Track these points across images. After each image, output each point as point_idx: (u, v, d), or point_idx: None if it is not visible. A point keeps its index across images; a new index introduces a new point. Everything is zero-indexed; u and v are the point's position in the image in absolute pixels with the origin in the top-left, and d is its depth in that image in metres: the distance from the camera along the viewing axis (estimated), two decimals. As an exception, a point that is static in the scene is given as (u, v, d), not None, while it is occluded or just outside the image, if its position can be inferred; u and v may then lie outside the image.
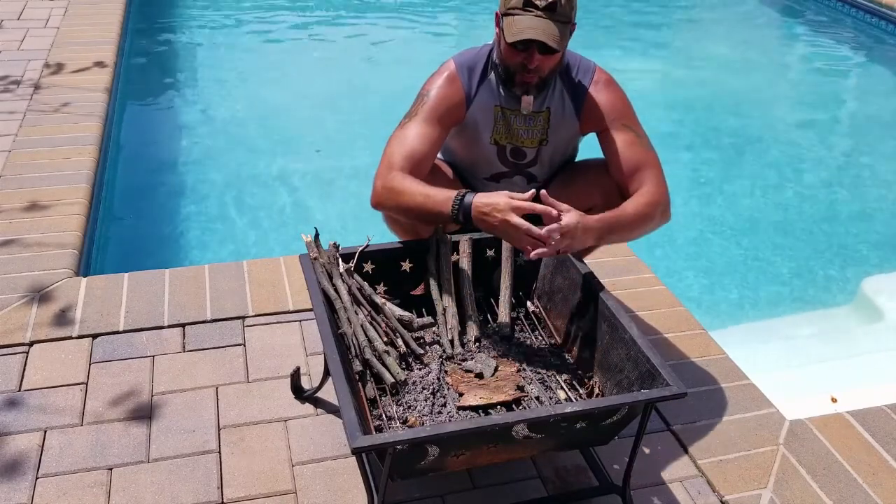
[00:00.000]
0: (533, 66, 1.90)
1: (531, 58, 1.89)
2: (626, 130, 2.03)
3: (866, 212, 3.97)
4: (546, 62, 1.92)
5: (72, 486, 1.76)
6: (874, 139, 4.85)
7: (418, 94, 2.06)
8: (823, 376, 2.68)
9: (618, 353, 1.70)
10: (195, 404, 2.00)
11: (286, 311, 2.36)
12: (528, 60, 1.90)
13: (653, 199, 1.95)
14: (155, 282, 2.46)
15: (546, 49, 1.87)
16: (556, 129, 2.09)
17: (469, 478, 1.82)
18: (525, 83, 1.96)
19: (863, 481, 1.88)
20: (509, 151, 2.13)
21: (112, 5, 5.26)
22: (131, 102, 4.57)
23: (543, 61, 1.91)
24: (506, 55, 1.94)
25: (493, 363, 1.78)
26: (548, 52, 1.89)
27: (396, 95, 2.57)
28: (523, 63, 1.91)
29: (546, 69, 1.94)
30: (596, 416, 1.56)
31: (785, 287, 3.38)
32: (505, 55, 1.94)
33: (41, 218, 2.79)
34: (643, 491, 1.82)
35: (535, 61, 1.89)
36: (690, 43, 6.37)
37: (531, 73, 1.93)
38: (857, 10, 6.87)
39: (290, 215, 3.67)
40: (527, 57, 1.89)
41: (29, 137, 3.38)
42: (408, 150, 1.96)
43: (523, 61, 1.91)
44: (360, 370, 1.70)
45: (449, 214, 1.80)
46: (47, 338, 2.20)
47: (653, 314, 2.44)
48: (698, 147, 4.57)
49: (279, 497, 1.76)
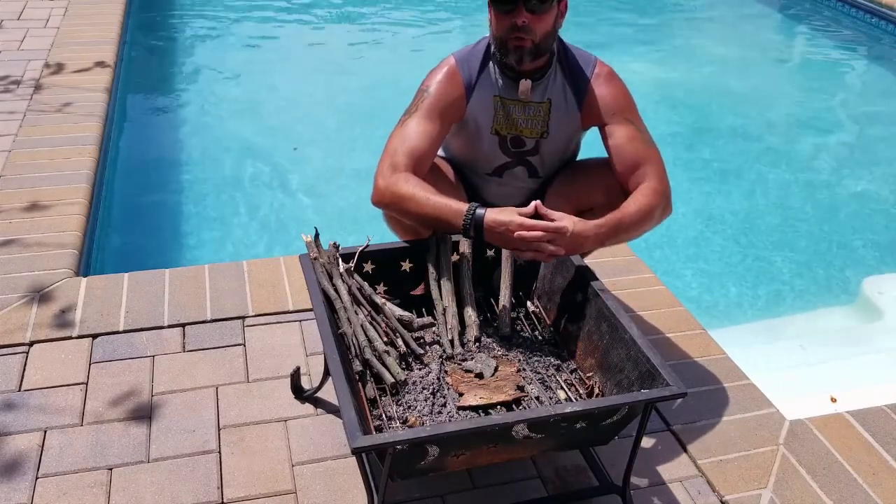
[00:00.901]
0: (521, 23, 1.90)
1: (518, 14, 1.89)
2: (628, 124, 2.03)
3: (866, 212, 3.97)
4: (535, 22, 1.91)
5: (72, 486, 1.76)
6: (874, 139, 4.85)
7: (418, 89, 2.06)
8: (823, 376, 2.68)
9: (618, 353, 1.71)
10: (195, 404, 2.01)
11: (286, 311, 2.36)
12: (515, 18, 1.90)
13: (654, 195, 1.95)
14: (155, 282, 2.46)
15: (531, 6, 1.88)
16: (557, 121, 2.09)
17: (469, 478, 1.82)
18: (519, 48, 1.95)
19: (863, 481, 1.88)
20: (510, 140, 2.13)
21: (112, 5, 5.26)
22: (131, 102, 4.57)
23: (533, 21, 1.91)
24: (496, 24, 1.95)
25: (493, 363, 1.78)
26: (535, 12, 1.90)
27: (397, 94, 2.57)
28: (513, 24, 1.91)
29: (538, 32, 1.93)
30: (596, 416, 1.56)
31: (785, 287, 3.38)
32: (495, 25, 1.96)
33: (41, 218, 2.79)
34: (643, 491, 1.82)
35: (523, 16, 1.90)
36: (690, 42, 6.37)
37: (521, 32, 1.92)
38: (857, 10, 6.87)
39: (290, 215, 3.67)
40: (514, 16, 1.90)
41: (29, 137, 3.38)
42: (409, 148, 1.96)
43: (512, 22, 1.91)
44: (360, 370, 1.70)
45: (460, 228, 1.83)
46: (47, 338, 2.20)
47: (653, 314, 2.44)
48: (698, 147, 4.57)
49: (279, 497, 1.76)
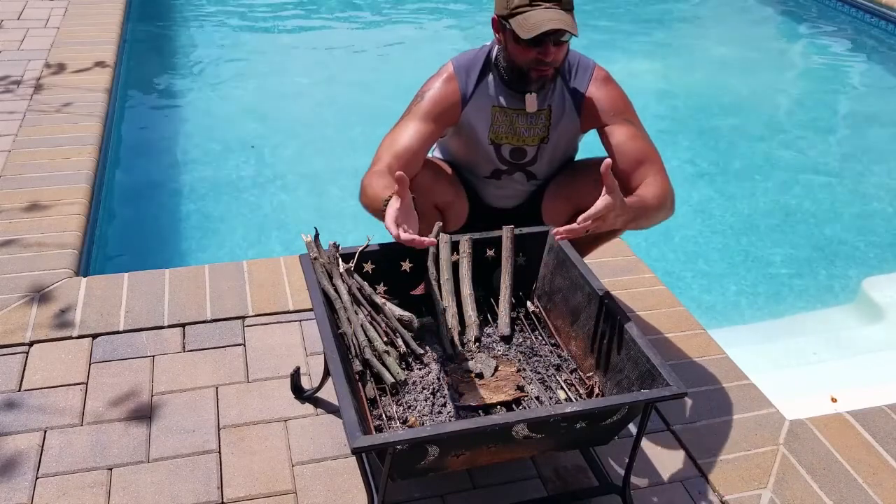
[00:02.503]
0: (550, 59, 1.91)
1: (546, 51, 1.89)
2: (628, 125, 2.04)
3: (866, 212, 3.96)
4: (559, 52, 1.93)
5: (72, 486, 1.76)
6: (874, 139, 4.85)
7: (416, 94, 2.07)
8: (823, 376, 2.68)
9: (618, 353, 1.70)
10: (195, 404, 2.00)
11: (286, 311, 2.36)
12: (543, 55, 1.90)
13: (662, 189, 1.95)
14: (155, 282, 2.46)
15: (558, 39, 1.88)
16: (557, 126, 2.10)
17: (469, 478, 1.82)
18: (542, 77, 1.97)
19: (863, 481, 1.88)
20: (508, 151, 2.13)
21: (112, 5, 5.26)
22: (131, 102, 4.57)
23: (557, 52, 1.92)
24: (517, 54, 1.94)
25: (493, 363, 1.78)
26: (559, 43, 1.90)
27: (397, 95, 2.57)
28: (538, 58, 1.92)
29: (559, 59, 1.95)
30: (596, 416, 1.56)
31: (785, 287, 3.38)
32: (516, 54, 1.94)
33: (41, 218, 2.79)
34: (643, 491, 1.82)
35: (552, 54, 1.90)
36: (690, 42, 6.37)
37: (547, 66, 1.93)
38: (857, 10, 6.87)
39: (291, 215, 3.67)
40: (542, 51, 1.90)
41: (29, 137, 3.38)
42: (395, 148, 1.97)
43: (538, 56, 1.91)
44: (360, 370, 1.70)
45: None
46: (47, 338, 2.20)
47: (653, 314, 2.43)
48: (698, 146, 4.57)
49: (279, 497, 1.76)
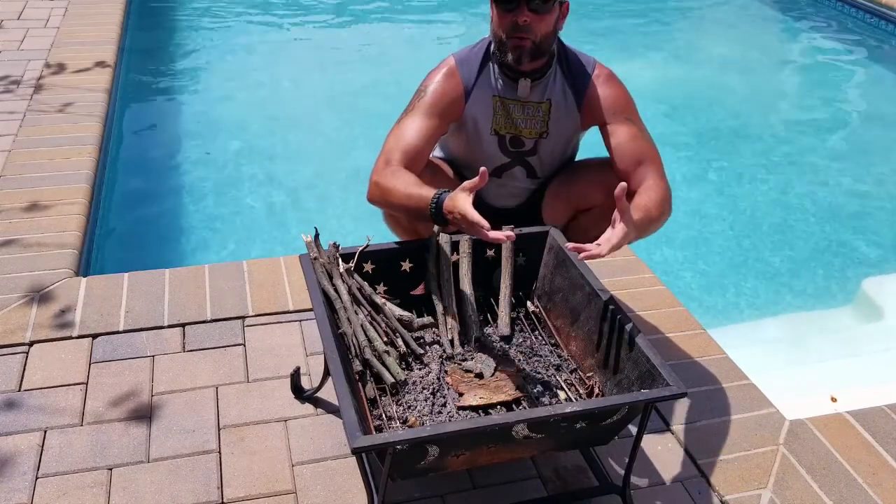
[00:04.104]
0: (522, 22, 1.90)
1: (521, 12, 1.90)
2: (630, 124, 2.03)
3: (866, 212, 3.96)
4: (537, 22, 1.92)
5: (72, 486, 1.76)
6: (874, 139, 4.85)
7: (417, 89, 2.07)
8: (823, 376, 2.68)
9: (618, 353, 1.70)
10: (195, 404, 2.00)
11: (286, 311, 2.36)
12: (517, 16, 1.90)
13: (662, 194, 1.95)
14: (155, 282, 2.46)
15: (534, 6, 1.88)
16: (557, 121, 2.10)
17: (469, 478, 1.82)
18: (518, 47, 1.95)
19: (863, 481, 1.88)
20: (509, 140, 2.13)
21: (112, 5, 5.26)
22: (131, 102, 4.56)
23: (534, 20, 1.91)
24: (497, 22, 1.96)
25: (493, 363, 1.78)
26: (537, 11, 1.90)
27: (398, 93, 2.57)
28: (514, 23, 1.91)
29: (538, 32, 1.94)
30: (596, 416, 1.56)
31: (785, 287, 3.38)
32: (497, 23, 1.96)
33: (41, 218, 2.79)
34: (643, 491, 1.82)
35: (524, 16, 1.90)
36: (690, 42, 6.37)
37: (521, 30, 1.92)
38: (857, 10, 6.87)
39: (291, 215, 3.67)
40: (516, 14, 1.90)
41: (29, 137, 3.38)
42: (403, 144, 1.97)
43: (513, 20, 1.91)
44: (360, 370, 1.70)
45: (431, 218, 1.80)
46: (47, 338, 2.20)
47: (653, 314, 2.43)
48: (698, 146, 4.57)
49: (279, 497, 1.76)
